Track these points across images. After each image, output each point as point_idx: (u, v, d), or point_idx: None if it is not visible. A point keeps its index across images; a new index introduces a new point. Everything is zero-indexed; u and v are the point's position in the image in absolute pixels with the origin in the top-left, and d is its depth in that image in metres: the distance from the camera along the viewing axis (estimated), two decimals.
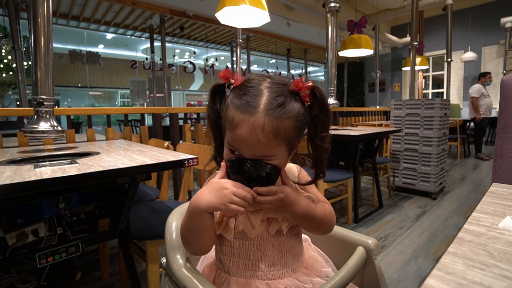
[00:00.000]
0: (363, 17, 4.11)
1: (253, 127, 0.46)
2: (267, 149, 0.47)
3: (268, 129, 0.46)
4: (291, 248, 0.57)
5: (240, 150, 0.48)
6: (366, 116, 4.55)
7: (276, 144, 0.48)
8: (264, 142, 0.46)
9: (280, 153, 0.49)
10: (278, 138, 0.47)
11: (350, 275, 0.55)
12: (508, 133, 1.18)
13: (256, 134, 0.46)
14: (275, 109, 0.47)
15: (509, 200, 0.54)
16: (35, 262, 0.84)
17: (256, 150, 0.47)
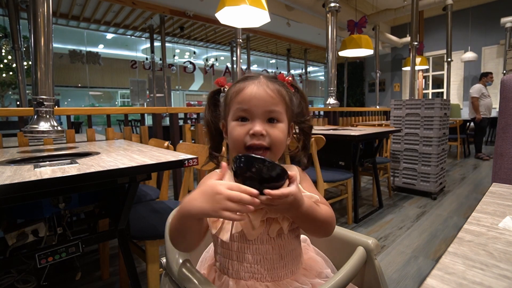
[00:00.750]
0: (363, 17, 4.11)
1: (260, 82, 0.53)
2: (275, 102, 0.53)
3: (272, 85, 0.54)
4: (291, 250, 0.56)
5: (250, 107, 0.52)
6: (366, 116, 4.55)
7: (279, 100, 0.53)
8: (271, 93, 0.52)
9: (284, 117, 0.54)
10: (280, 95, 0.54)
11: (350, 275, 0.55)
12: (508, 133, 1.18)
13: (263, 87, 0.53)
14: (272, 78, 0.56)
15: (509, 200, 0.54)
16: (35, 262, 0.84)
17: (266, 103, 0.52)
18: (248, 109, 0.52)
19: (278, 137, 0.53)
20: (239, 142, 0.52)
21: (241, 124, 0.52)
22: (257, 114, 0.52)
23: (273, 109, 0.52)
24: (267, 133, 0.52)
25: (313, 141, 1.77)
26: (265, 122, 0.52)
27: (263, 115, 0.52)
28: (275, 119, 0.53)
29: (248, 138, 0.51)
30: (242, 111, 0.52)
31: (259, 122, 0.52)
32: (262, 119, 0.52)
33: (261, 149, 0.52)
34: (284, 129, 0.54)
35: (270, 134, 0.52)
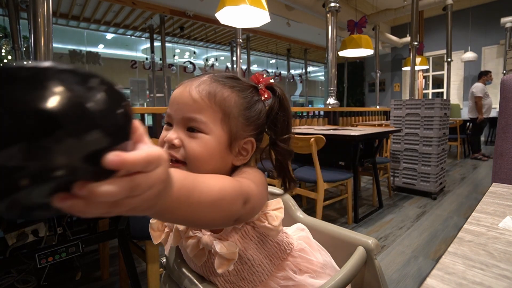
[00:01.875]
0: (363, 17, 4.11)
1: (189, 84, 0.44)
2: (196, 108, 0.42)
3: (204, 87, 0.43)
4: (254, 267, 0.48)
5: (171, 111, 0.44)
6: (366, 116, 4.55)
7: (208, 105, 0.43)
8: (195, 97, 0.42)
9: (213, 126, 0.43)
10: (212, 100, 0.43)
11: (350, 275, 0.55)
12: (508, 133, 1.18)
13: (189, 89, 0.43)
14: (221, 77, 0.46)
15: (509, 200, 0.54)
16: (35, 262, 0.84)
17: (184, 108, 0.42)
18: (169, 114, 0.44)
19: (194, 152, 0.42)
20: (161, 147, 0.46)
21: (165, 128, 0.45)
22: (176, 120, 0.43)
23: (192, 117, 0.42)
24: (182, 144, 0.42)
25: (313, 141, 1.77)
26: (184, 131, 0.43)
27: (181, 122, 0.43)
28: (195, 128, 0.42)
29: (166, 146, 0.43)
30: (167, 115, 0.45)
31: (175, 129, 0.43)
32: (180, 126, 0.43)
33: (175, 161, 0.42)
34: (210, 142, 0.42)
35: (184, 146, 0.42)
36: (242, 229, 0.47)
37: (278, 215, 0.46)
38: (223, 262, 0.42)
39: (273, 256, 0.51)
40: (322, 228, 0.71)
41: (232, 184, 0.36)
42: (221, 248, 0.41)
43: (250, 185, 0.39)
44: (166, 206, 0.27)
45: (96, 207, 0.19)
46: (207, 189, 0.31)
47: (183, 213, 0.30)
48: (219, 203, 0.33)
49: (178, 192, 0.27)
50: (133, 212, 0.22)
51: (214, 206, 0.32)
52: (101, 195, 0.18)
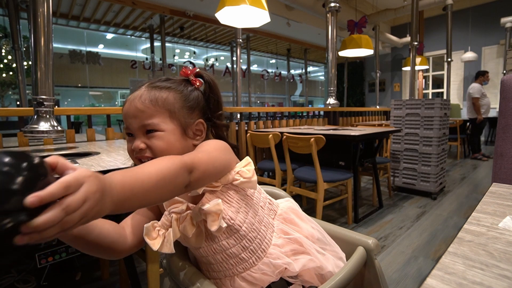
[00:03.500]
0: (363, 17, 4.11)
1: (133, 98, 0.52)
2: (146, 115, 0.50)
3: (145, 97, 0.52)
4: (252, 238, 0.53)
5: (127, 125, 0.52)
6: (366, 116, 4.55)
7: (155, 110, 0.51)
8: (141, 107, 0.51)
9: (165, 124, 0.51)
10: (156, 105, 0.51)
11: (350, 275, 0.55)
12: (508, 133, 1.18)
13: (134, 102, 0.51)
14: (156, 83, 0.54)
15: (509, 200, 0.54)
16: (35, 262, 0.84)
17: (138, 118, 0.50)
18: (126, 127, 0.53)
19: (159, 146, 0.51)
20: (131, 156, 0.54)
21: (129, 140, 0.53)
22: (134, 130, 0.52)
23: (145, 123, 0.51)
24: (147, 145, 0.51)
25: (313, 141, 1.77)
26: (144, 135, 0.51)
27: (139, 130, 0.51)
28: (152, 130, 0.51)
29: (135, 152, 0.52)
30: (125, 128, 0.53)
31: (137, 137, 0.52)
32: (140, 134, 0.51)
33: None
34: (167, 136, 0.51)
35: (150, 146, 0.51)
36: (225, 194, 0.52)
37: (249, 168, 0.53)
38: (213, 219, 0.47)
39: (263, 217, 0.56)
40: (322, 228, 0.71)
41: (171, 161, 0.40)
42: (207, 206, 0.47)
43: (197, 155, 0.45)
44: (118, 203, 0.32)
45: (49, 233, 0.26)
46: (147, 176, 0.36)
47: (136, 202, 0.35)
48: (161, 182, 0.37)
49: (122, 190, 0.33)
50: (86, 220, 0.29)
51: (158, 187, 0.37)
52: (42, 225, 0.25)
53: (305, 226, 0.60)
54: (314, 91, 14.75)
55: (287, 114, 3.60)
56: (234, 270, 0.53)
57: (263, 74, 10.74)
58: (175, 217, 0.50)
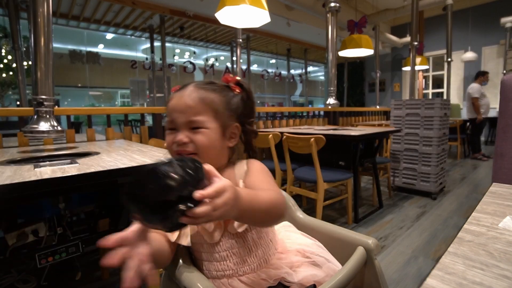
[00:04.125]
0: (363, 17, 4.11)
1: (182, 94, 0.56)
2: (194, 112, 0.54)
3: (195, 95, 0.56)
4: (258, 239, 0.58)
5: (173, 119, 0.55)
6: (366, 116, 4.55)
7: (202, 108, 0.55)
8: (191, 104, 0.55)
9: (210, 123, 0.55)
10: (204, 104, 0.55)
11: (350, 275, 0.55)
12: (508, 133, 1.18)
13: (183, 99, 0.55)
14: (203, 84, 0.58)
15: (509, 200, 0.54)
16: (35, 262, 0.84)
17: (185, 115, 0.54)
18: (172, 121, 0.55)
19: (202, 142, 0.54)
20: (170, 149, 0.57)
21: (170, 133, 0.56)
22: (180, 125, 0.55)
23: (193, 120, 0.54)
24: (191, 140, 0.54)
25: (313, 141, 1.77)
26: (189, 130, 0.55)
27: (185, 125, 0.55)
28: (197, 126, 0.54)
29: (175, 145, 0.55)
30: (169, 122, 0.56)
31: (181, 131, 0.55)
32: (185, 128, 0.55)
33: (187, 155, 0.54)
34: (211, 134, 0.55)
35: (194, 141, 0.54)
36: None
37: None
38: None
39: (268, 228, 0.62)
40: (322, 228, 0.71)
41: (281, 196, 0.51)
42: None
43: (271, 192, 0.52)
44: (241, 212, 0.42)
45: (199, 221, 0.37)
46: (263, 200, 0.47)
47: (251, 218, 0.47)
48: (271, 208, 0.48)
49: (246, 203, 0.43)
50: (222, 217, 0.39)
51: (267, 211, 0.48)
52: (198, 214, 0.35)
53: (304, 240, 0.65)
54: (314, 91, 14.74)
55: (287, 114, 3.60)
56: (236, 271, 0.55)
57: (263, 74, 10.74)
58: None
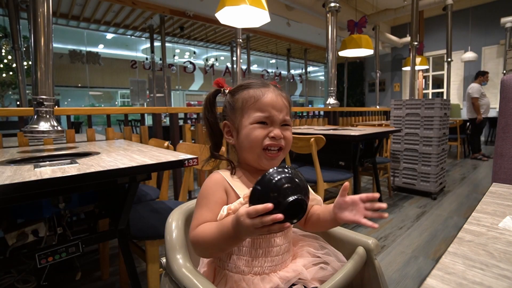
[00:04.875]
0: (363, 17, 4.11)
1: (276, 92, 0.61)
2: (286, 112, 0.61)
3: (285, 96, 0.63)
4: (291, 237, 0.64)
5: (271, 115, 0.58)
6: (366, 116, 4.55)
7: (289, 109, 0.62)
8: (286, 104, 0.62)
9: (290, 120, 0.62)
10: (290, 105, 0.63)
11: (350, 275, 0.55)
12: (508, 133, 1.18)
13: (280, 97, 0.61)
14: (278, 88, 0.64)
15: (509, 200, 0.54)
16: (35, 262, 0.84)
17: (283, 112, 0.60)
18: (269, 116, 0.58)
19: (291, 138, 0.62)
20: (257, 142, 0.58)
21: (261, 127, 0.59)
22: (277, 121, 0.59)
23: (287, 118, 0.61)
24: (283, 136, 0.60)
25: (313, 141, 1.77)
26: (280, 126, 0.60)
27: (280, 122, 0.60)
28: (287, 124, 0.61)
29: (267, 139, 0.58)
30: (263, 117, 0.58)
31: (276, 127, 0.59)
32: (278, 124, 0.60)
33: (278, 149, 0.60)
34: (291, 130, 0.63)
35: (285, 137, 0.60)
36: None
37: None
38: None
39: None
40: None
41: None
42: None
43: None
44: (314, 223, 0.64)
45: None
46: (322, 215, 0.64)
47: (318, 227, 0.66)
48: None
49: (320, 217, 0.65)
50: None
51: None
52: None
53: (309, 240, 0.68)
54: (314, 91, 14.74)
55: None
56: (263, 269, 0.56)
57: (263, 74, 10.74)
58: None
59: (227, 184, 0.59)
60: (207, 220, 0.55)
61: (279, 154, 0.60)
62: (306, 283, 0.57)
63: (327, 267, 0.60)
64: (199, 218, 0.55)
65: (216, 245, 0.51)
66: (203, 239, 0.52)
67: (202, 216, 0.55)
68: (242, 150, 0.61)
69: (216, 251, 0.55)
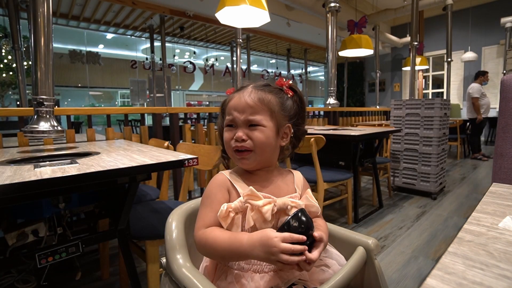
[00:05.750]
0: (363, 17, 4.11)
1: (242, 94, 0.61)
2: (253, 111, 0.59)
3: (254, 95, 0.60)
4: None
5: (234, 117, 0.59)
6: (366, 116, 4.55)
7: (261, 108, 0.59)
8: (251, 103, 0.59)
9: (266, 122, 0.60)
10: (262, 103, 0.59)
11: (350, 275, 0.55)
12: (508, 133, 1.18)
13: (244, 98, 0.60)
14: (260, 86, 0.62)
15: (509, 200, 0.54)
16: (35, 262, 0.84)
17: (246, 112, 0.59)
18: (232, 119, 0.60)
19: (259, 139, 0.59)
20: (227, 145, 0.62)
21: (229, 130, 0.61)
22: (239, 122, 0.59)
23: (251, 118, 0.59)
24: (248, 137, 0.59)
25: (313, 141, 1.77)
26: (247, 127, 0.59)
27: (244, 123, 0.59)
28: (256, 124, 0.59)
29: (233, 142, 0.60)
30: (228, 120, 0.61)
31: (240, 128, 0.59)
32: (243, 126, 0.59)
33: (244, 151, 0.60)
34: (268, 132, 0.60)
35: (251, 137, 0.59)
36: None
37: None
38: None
39: None
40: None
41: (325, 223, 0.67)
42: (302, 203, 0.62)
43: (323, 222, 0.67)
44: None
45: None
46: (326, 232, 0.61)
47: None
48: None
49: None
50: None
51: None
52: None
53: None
54: (314, 91, 14.74)
55: None
56: (262, 267, 0.57)
57: (263, 74, 10.74)
58: (250, 206, 0.57)
59: (230, 184, 0.61)
60: (211, 220, 0.57)
61: (247, 154, 0.60)
62: (306, 284, 0.57)
63: (328, 270, 0.60)
64: (204, 218, 0.58)
65: (221, 256, 0.55)
66: (211, 245, 0.54)
67: (206, 216, 0.58)
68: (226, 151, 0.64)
69: (219, 259, 0.59)
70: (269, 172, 0.65)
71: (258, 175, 0.64)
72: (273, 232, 0.49)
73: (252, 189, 0.57)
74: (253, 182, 0.62)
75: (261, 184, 0.62)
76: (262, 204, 0.56)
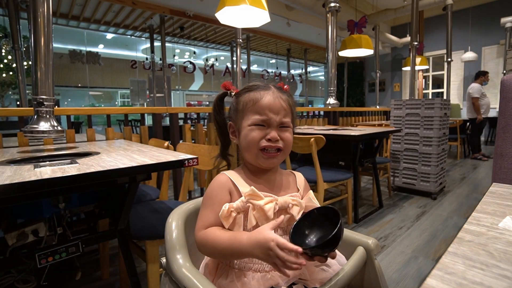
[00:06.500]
0: (363, 17, 4.11)
1: (275, 94, 0.61)
2: (285, 113, 0.61)
3: (285, 98, 0.62)
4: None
5: (268, 117, 0.59)
6: (366, 116, 4.55)
7: (289, 111, 0.62)
8: (285, 106, 0.61)
9: (291, 123, 0.63)
10: (290, 107, 0.63)
11: (350, 275, 0.55)
12: (508, 133, 1.18)
13: (279, 99, 0.61)
14: (281, 90, 0.64)
15: (509, 200, 0.54)
16: (35, 262, 0.84)
17: (281, 114, 0.60)
18: (266, 119, 0.60)
19: (289, 140, 0.62)
20: (254, 144, 0.60)
21: (258, 129, 0.60)
22: (274, 123, 0.60)
23: (285, 120, 0.61)
24: (280, 137, 0.60)
25: (313, 141, 1.77)
26: (278, 128, 0.61)
27: (277, 124, 0.60)
28: (285, 125, 0.61)
29: (264, 141, 0.60)
30: (260, 120, 0.60)
31: (275, 129, 0.60)
32: (276, 126, 0.60)
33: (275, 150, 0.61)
34: (291, 132, 0.63)
35: (283, 138, 0.61)
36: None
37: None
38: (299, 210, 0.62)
39: None
40: None
41: None
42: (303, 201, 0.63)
43: None
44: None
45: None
46: None
47: None
48: None
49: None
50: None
51: None
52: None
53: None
54: (314, 91, 14.74)
55: None
56: (262, 266, 0.57)
57: (263, 74, 10.74)
58: (252, 206, 0.57)
59: (231, 184, 0.61)
60: (212, 220, 0.57)
61: (277, 154, 0.61)
62: (306, 283, 0.57)
63: (329, 270, 0.60)
64: (205, 219, 0.58)
65: (222, 255, 0.56)
66: (212, 245, 0.55)
67: (207, 217, 0.58)
68: (242, 149, 0.63)
69: (221, 258, 0.59)
70: (271, 172, 0.65)
71: (260, 175, 0.64)
72: (271, 233, 0.49)
73: (253, 189, 0.57)
74: (255, 182, 0.62)
75: (263, 184, 0.63)
76: (264, 203, 0.56)
